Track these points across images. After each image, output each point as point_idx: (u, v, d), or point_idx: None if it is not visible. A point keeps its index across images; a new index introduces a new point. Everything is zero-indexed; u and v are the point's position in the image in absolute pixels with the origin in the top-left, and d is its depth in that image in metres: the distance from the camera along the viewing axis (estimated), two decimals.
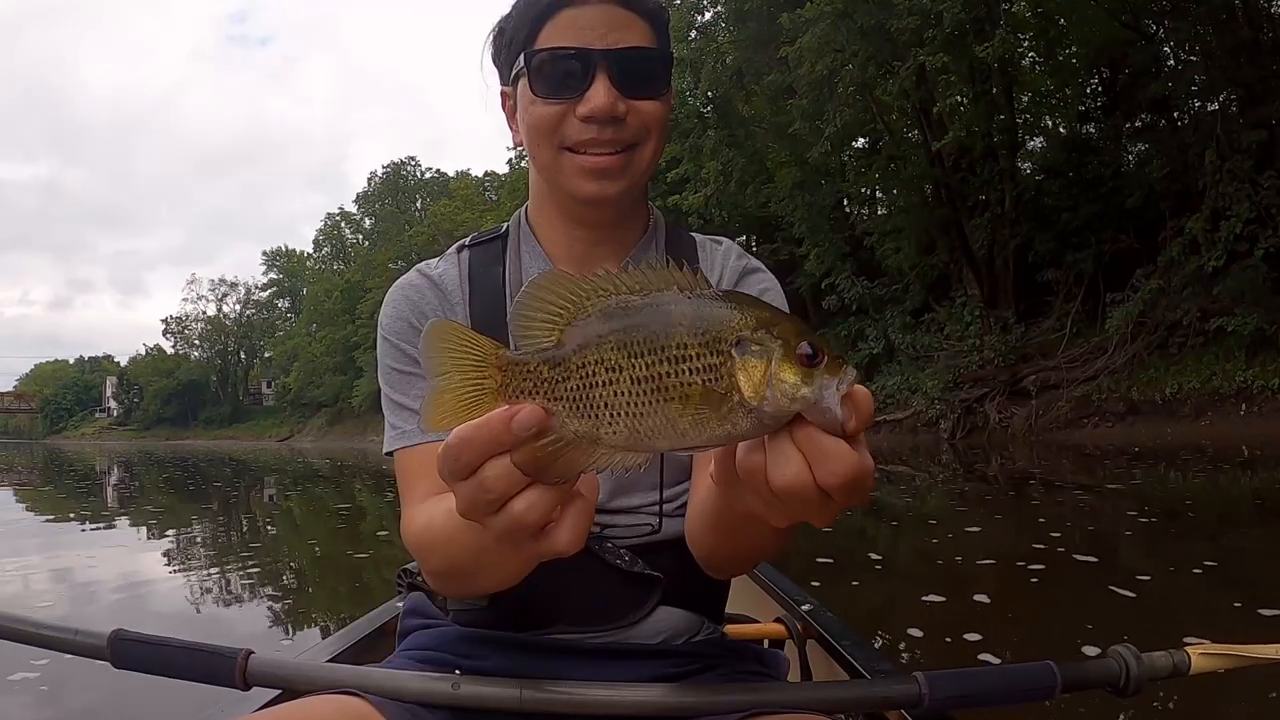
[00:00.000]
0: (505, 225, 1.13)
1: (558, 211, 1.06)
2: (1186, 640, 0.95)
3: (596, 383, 0.56)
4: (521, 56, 0.97)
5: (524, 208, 1.13)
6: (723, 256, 1.12)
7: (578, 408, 0.56)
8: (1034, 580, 4.65)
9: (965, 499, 9.28)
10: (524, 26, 0.97)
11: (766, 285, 1.10)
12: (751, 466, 0.59)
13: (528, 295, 0.58)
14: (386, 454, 1.04)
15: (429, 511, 0.91)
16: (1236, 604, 3.88)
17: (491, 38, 1.06)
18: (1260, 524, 6.49)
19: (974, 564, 5.23)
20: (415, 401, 1.02)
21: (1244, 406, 14.63)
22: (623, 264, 0.58)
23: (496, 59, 1.06)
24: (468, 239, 1.15)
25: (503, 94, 1.07)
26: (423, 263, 1.12)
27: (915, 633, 3.61)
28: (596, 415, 0.56)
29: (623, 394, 0.55)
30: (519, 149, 1.07)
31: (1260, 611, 3.62)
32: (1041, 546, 5.39)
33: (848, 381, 0.55)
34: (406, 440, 1.01)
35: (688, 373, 0.55)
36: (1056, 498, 8.74)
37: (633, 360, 0.55)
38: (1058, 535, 5.84)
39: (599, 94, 0.94)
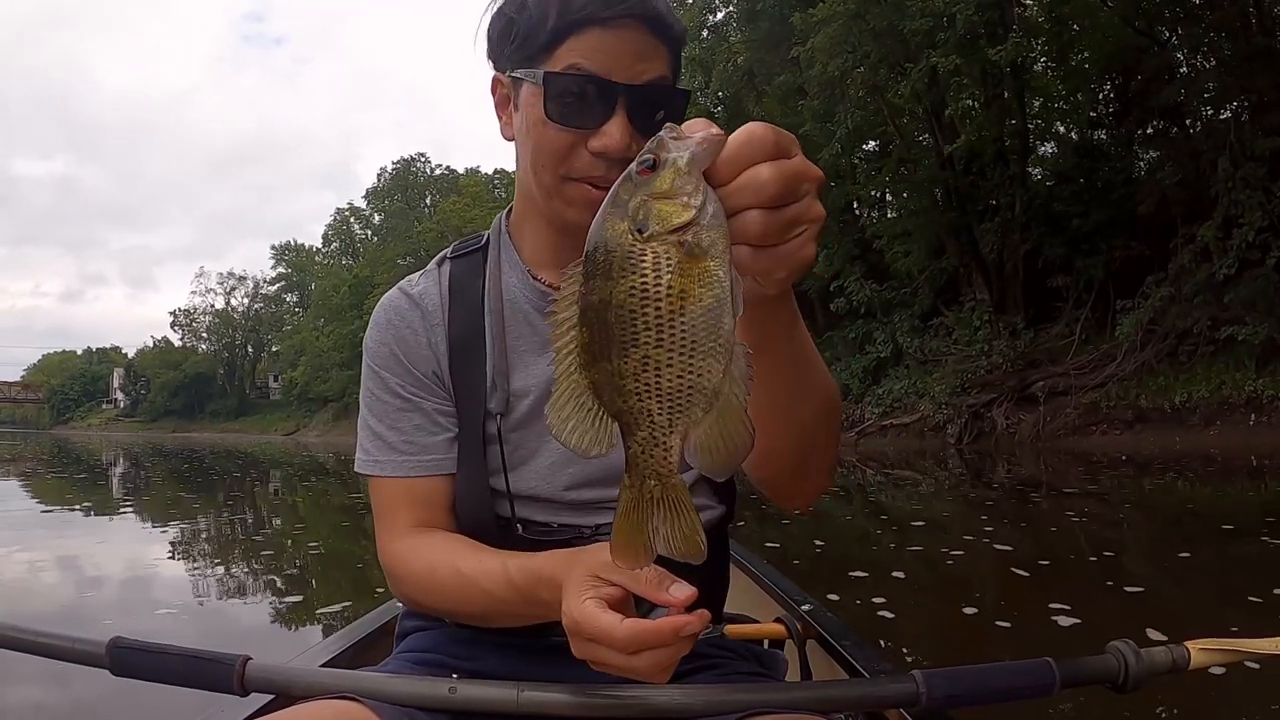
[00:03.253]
0: (486, 234, 1.11)
1: (545, 221, 1.03)
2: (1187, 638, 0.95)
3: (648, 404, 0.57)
4: (541, 74, 0.90)
5: (503, 213, 1.10)
6: None
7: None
8: (949, 562, 5.32)
9: (922, 498, 9.72)
10: (544, 32, 0.90)
11: None
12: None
13: (553, 414, 0.58)
14: (358, 473, 1.04)
15: (428, 558, 0.93)
16: (1109, 582, 4.49)
17: (492, 20, 0.97)
18: (1183, 525, 6.93)
19: (905, 549, 5.83)
20: (392, 433, 1.04)
21: (1253, 416, 14.53)
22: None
23: (500, 46, 0.97)
24: (450, 249, 1.12)
25: (495, 79, 1.00)
26: (406, 279, 1.11)
27: (833, 597, 4.11)
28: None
29: (662, 368, 0.55)
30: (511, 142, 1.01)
31: (1126, 589, 4.25)
32: (970, 538, 6.00)
33: (694, 140, 0.55)
34: (382, 470, 1.03)
35: (663, 296, 0.54)
36: (1011, 499, 9.09)
37: (631, 356, 0.56)
38: (990, 529, 6.44)
39: (615, 132, 0.89)
